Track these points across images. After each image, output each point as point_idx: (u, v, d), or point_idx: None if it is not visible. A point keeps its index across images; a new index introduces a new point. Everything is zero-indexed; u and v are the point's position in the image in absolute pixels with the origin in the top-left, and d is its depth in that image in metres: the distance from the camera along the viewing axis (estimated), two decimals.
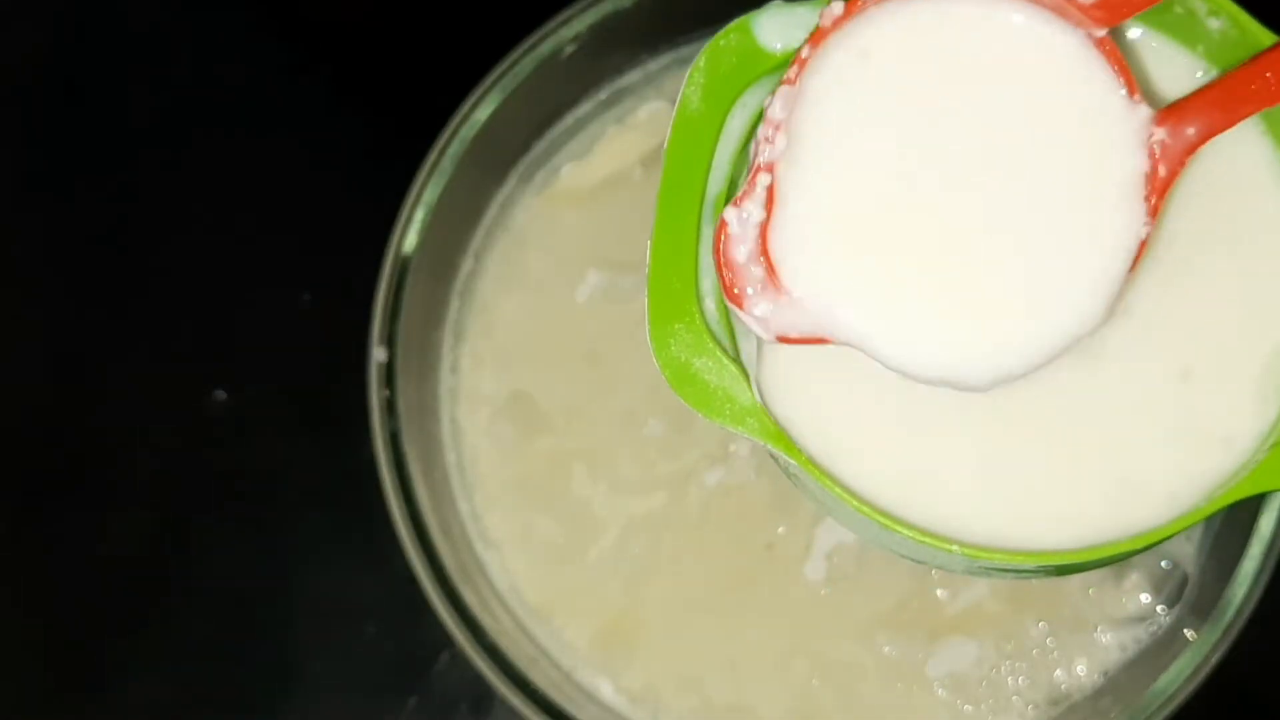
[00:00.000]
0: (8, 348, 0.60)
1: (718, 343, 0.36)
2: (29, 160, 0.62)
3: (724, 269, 0.35)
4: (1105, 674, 0.49)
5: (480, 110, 0.50)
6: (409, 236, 0.49)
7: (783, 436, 0.36)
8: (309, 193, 0.60)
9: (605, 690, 0.50)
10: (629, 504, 0.51)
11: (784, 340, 0.35)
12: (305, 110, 0.61)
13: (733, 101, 0.36)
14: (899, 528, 0.35)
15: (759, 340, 0.36)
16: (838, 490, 0.35)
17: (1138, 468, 0.36)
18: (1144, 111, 0.34)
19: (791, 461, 0.35)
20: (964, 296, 0.34)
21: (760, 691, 0.49)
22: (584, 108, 0.54)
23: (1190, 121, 0.34)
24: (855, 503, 0.35)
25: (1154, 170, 0.34)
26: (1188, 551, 0.49)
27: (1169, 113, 0.35)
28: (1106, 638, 0.49)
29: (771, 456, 0.38)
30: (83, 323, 0.59)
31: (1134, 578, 0.49)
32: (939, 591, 0.49)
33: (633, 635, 0.50)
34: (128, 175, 0.61)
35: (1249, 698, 0.54)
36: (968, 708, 0.49)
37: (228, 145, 0.61)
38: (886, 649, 0.49)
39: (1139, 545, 0.35)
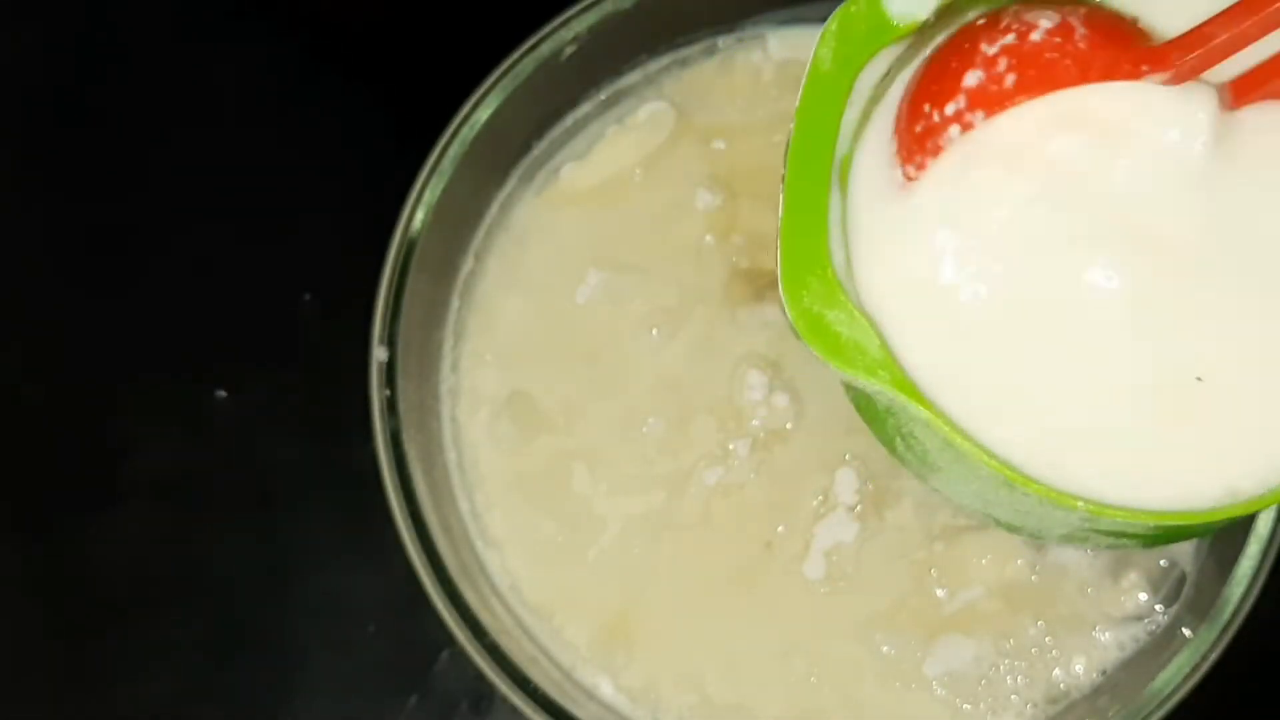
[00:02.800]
0: (8, 348, 0.60)
1: (849, 296, 0.36)
2: (29, 161, 0.62)
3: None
4: (1103, 672, 0.49)
5: (481, 111, 0.50)
6: (410, 237, 0.49)
7: (914, 389, 0.36)
8: (310, 193, 0.60)
9: (605, 688, 0.50)
10: (629, 503, 0.51)
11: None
12: (306, 111, 0.61)
13: (861, 66, 0.37)
14: (1028, 484, 0.35)
15: (892, 300, 0.37)
16: (966, 444, 0.35)
17: (1249, 438, 0.36)
18: None
19: (920, 411, 0.36)
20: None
21: (759, 690, 0.49)
22: (584, 108, 0.55)
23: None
24: (985, 458, 0.35)
25: None
26: (1186, 550, 0.50)
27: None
28: (1105, 636, 0.49)
29: (873, 413, 0.39)
30: (84, 323, 0.60)
31: (1132, 576, 0.49)
32: (938, 591, 0.49)
33: (632, 634, 0.50)
34: (128, 176, 0.61)
35: (1247, 696, 0.54)
36: (966, 706, 0.49)
37: (229, 146, 0.61)
38: (885, 648, 0.49)
39: (1238, 512, 0.36)
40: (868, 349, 0.36)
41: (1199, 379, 0.36)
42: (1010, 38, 0.36)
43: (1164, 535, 0.38)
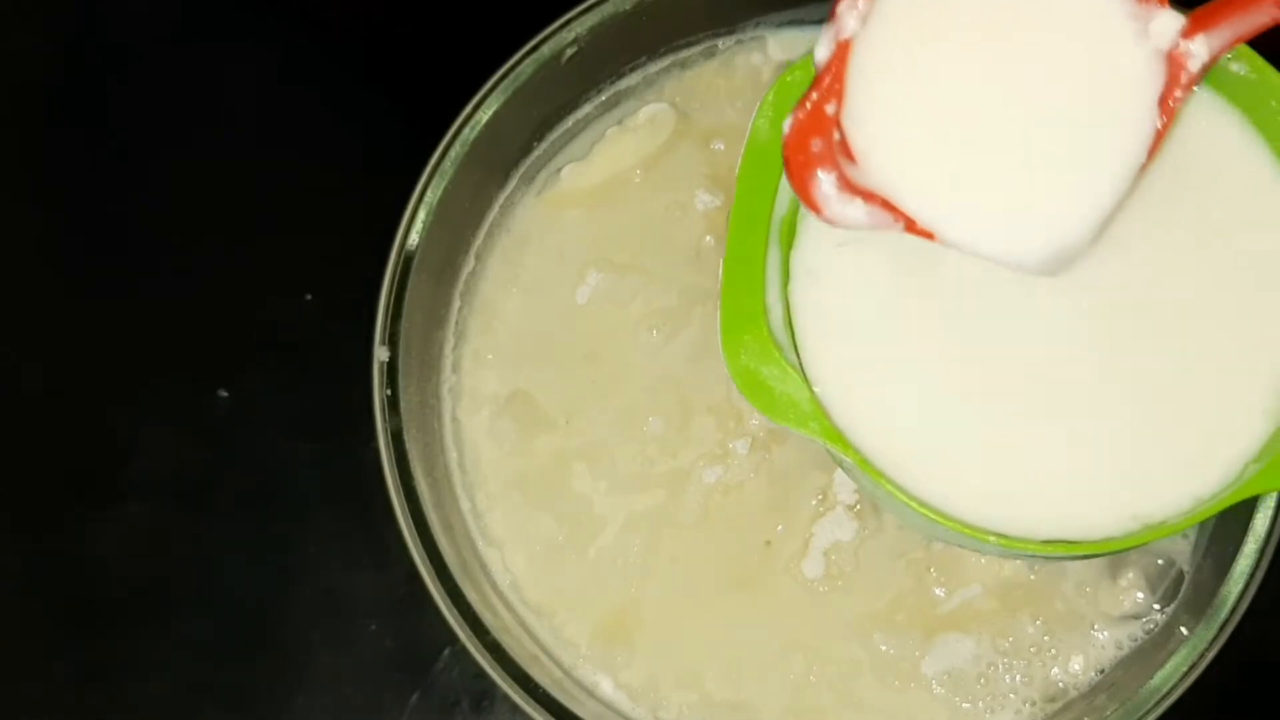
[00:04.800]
0: (10, 349, 0.60)
1: (782, 353, 0.39)
2: (32, 162, 0.62)
3: (796, 154, 0.36)
4: (1101, 671, 0.49)
5: (482, 112, 0.50)
6: (411, 237, 0.49)
7: (841, 438, 0.39)
8: (312, 194, 0.60)
9: (605, 686, 0.50)
10: (629, 502, 0.51)
11: (844, 224, 0.36)
12: (307, 112, 0.61)
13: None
14: (944, 521, 0.38)
15: (820, 344, 0.40)
16: (889, 487, 0.39)
17: (1153, 464, 0.39)
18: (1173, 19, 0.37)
19: (844, 457, 0.39)
20: (1020, 172, 0.37)
21: (759, 688, 0.49)
22: (584, 110, 0.55)
23: (1213, 29, 0.37)
24: (905, 498, 0.39)
25: (1178, 68, 0.37)
26: (1183, 549, 0.50)
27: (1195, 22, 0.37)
28: (1103, 635, 0.49)
29: (827, 450, 0.41)
30: (86, 324, 0.60)
31: (1130, 575, 0.49)
32: (936, 589, 0.50)
33: (633, 632, 0.50)
34: (129, 176, 0.61)
35: (1244, 694, 0.54)
36: (965, 705, 0.49)
37: (230, 147, 0.61)
38: (883, 646, 0.49)
39: (1146, 538, 0.38)
40: (799, 402, 0.39)
41: (1102, 415, 0.39)
42: None
43: (1079, 556, 0.41)
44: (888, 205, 0.36)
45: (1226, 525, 0.48)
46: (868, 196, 0.36)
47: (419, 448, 0.49)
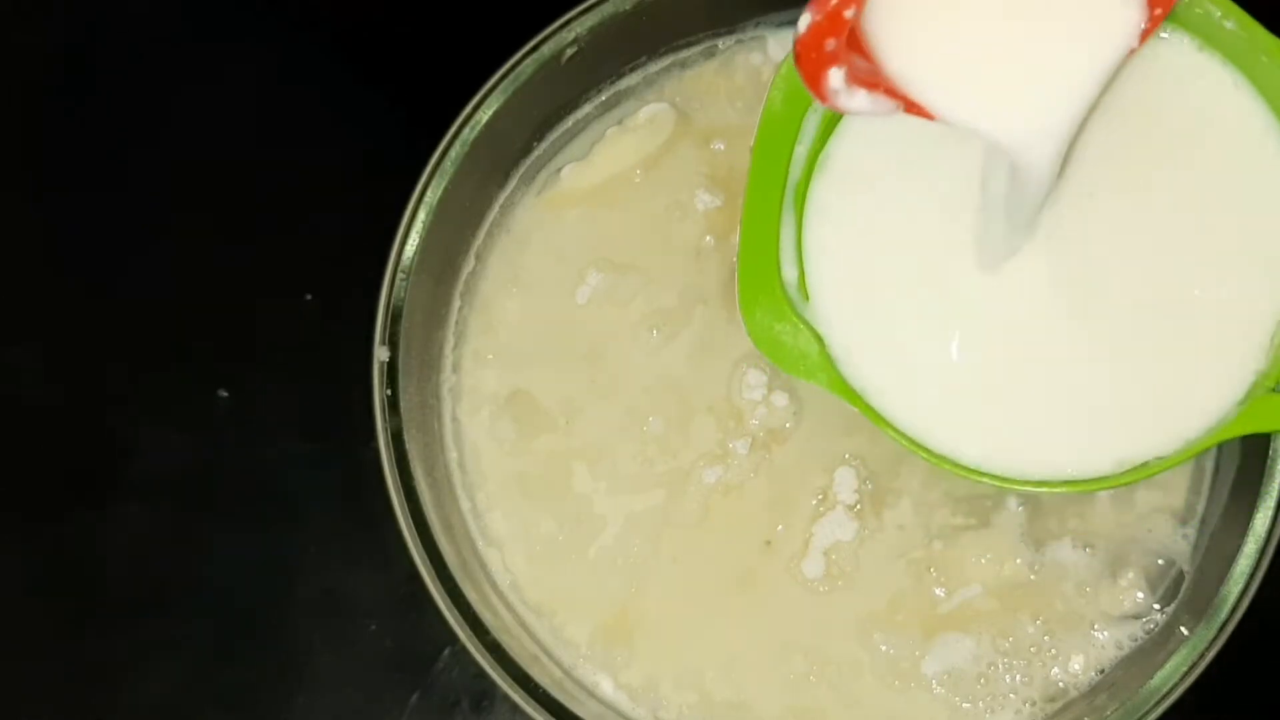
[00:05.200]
0: (10, 348, 0.60)
1: (795, 310, 0.43)
2: (32, 161, 0.62)
3: (809, 52, 0.37)
4: (1101, 671, 0.49)
5: (482, 112, 0.50)
6: (411, 237, 0.49)
7: (848, 388, 0.43)
8: (311, 193, 0.60)
9: (605, 686, 0.50)
10: (629, 502, 0.51)
11: (848, 111, 0.37)
12: (308, 112, 0.61)
13: (810, 104, 0.42)
14: (946, 465, 0.42)
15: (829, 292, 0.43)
16: (891, 433, 0.42)
17: (1146, 400, 0.41)
18: None
19: (850, 407, 0.43)
20: (1014, 58, 0.38)
21: (759, 688, 0.49)
22: (584, 110, 0.55)
23: None
24: (908, 444, 0.42)
25: None
26: (1183, 549, 0.50)
27: None
28: (1103, 635, 0.49)
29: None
30: (86, 324, 0.60)
31: (1130, 575, 0.49)
32: (936, 589, 0.50)
33: (633, 632, 0.50)
34: (129, 176, 0.61)
35: (1244, 694, 0.54)
36: (965, 705, 0.49)
37: (230, 147, 0.61)
38: (883, 646, 0.49)
39: (1136, 476, 0.42)
40: (809, 355, 0.43)
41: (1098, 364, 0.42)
42: None
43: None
44: (889, 91, 0.38)
45: (1226, 525, 0.48)
46: (871, 86, 0.37)
47: (419, 448, 0.49)
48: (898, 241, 0.43)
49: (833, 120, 0.43)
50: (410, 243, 0.49)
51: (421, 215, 0.49)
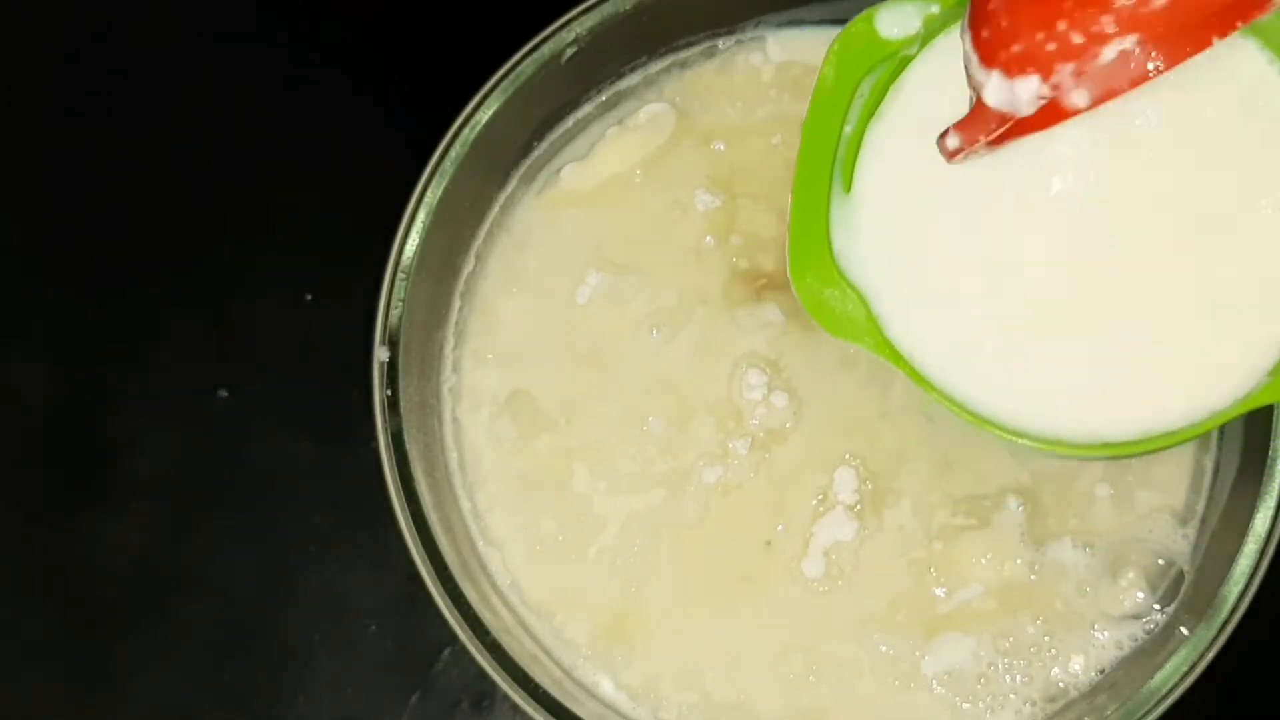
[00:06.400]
0: (12, 349, 0.60)
1: (843, 276, 0.44)
2: (30, 159, 0.62)
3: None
4: (1101, 671, 0.49)
5: (482, 112, 0.50)
6: (411, 238, 0.49)
7: (893, 350, 0.43)
8: (312, 194, 0.60)
9: (606, 686, 0.50)
10: (629, 502, 0.51)
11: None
12: (308, 111, 0.61)
13: (860, 80, 0.43)
14: (988, 427, 0.43)
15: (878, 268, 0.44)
16: (937, 395, 0.43)
17: (1180, 366, 0.42)
18: None
19: (897, 368, 0.43)
20: None
21: (759, 688, 0.49)
22: (584, 110, 0.55)
23: None
24: (949, 405, 0.43)
25: None
26: (1183, 549, 0.50)
27: None
28: (1103, 635, 0.49)
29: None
30: (87, 323, 0.60)
31: (1130, 575, 0.49)
32: (936, 590, 0.50)
33: (633, 632, 0.50)
34: (129, 175, 0.61)
35: (1244, 695, 0.54)
36: (965, 705, 0.49)
37: (230, 147, 0.61)
38: (883, 646, 0.49)
39: (1173, 441, 0.42)
40: (857, 319, 0.44)
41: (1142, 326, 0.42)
42: None
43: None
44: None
45: (1226, 525, 0.48)
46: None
47: (419, 448, 0.49)
48: (947, 203, 0.43)
49: (876, 101, 0.44)
50: (410, 243, 0.49)
51: (421, 215, 0.49)
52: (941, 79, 0.42)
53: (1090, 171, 0.41)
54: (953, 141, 0.40)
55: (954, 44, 0.41)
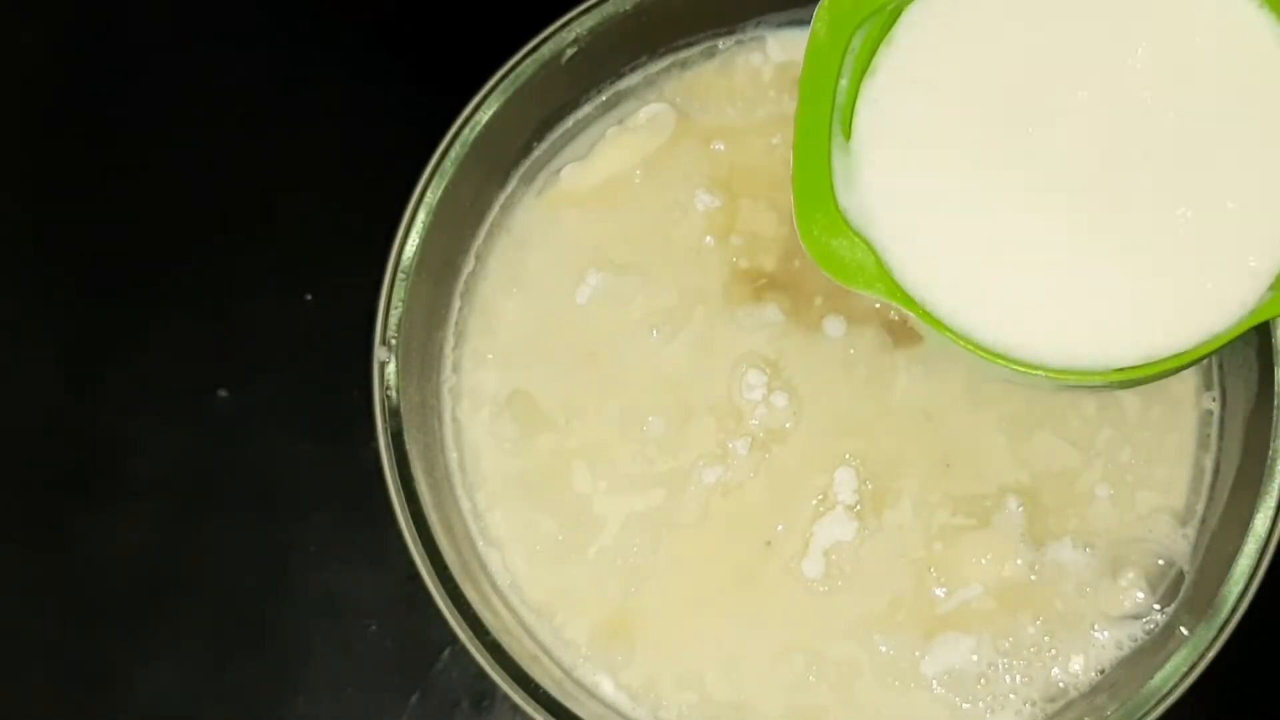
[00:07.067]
0: (13, 348, 0.60)
1: (850, 225, 0.44)
2: (30, 160, 0.62)
3: None
4: (1101, 671, 0.49)
5: (482, 113, 0.50)
6: (411, 238, 0.49)
7: (905, 294, 0.44)
8: (311, 194, 0.60)
9: (606, 687, 0.50)
10: (629, 501, 0.51)
11: None
12: (308, 112, 0.61)
13: (852, 33, 0.44)
14: (1001, 361, 0.43)
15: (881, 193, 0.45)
16: (950, 334, 0.43)
17: (1181, 288, 0.43)
18: None
19: (908, 312, 0.44)
20: None
21: (759, 688, 0.49)
22: (584, 110, 0.55)
23: None
24: (962, 343, 0.43)
25: None
26: (1183, 549, 0.50)
27: None
28: (1103, 635, 0.49)
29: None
30: (87, 323, 0.60)
31: (1130, 575, 0.49)
32: (936, 590, 0.50)
33: (633, 632, 0.50)
34: (129, 176, 0.61)
35: (1244, 695, 0.54)
36: (965, 705, 0.49)
37: (230, 147, 0.61)
38: (883, 647, 0.49)
39: (1174, 365, 0.43)
40: (866, 266, 0.44)
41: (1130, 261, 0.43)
42: None
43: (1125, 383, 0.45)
44: None
45: (1226, 525, 0.48)
46: None
47: (419, 448, 0.49)
48: (944, 145, 0.44)
49: (869, 54, 0.45)
50: (410, 243, 0.49)
51: (421, 215, 0.49)
52: (931, 27, 0.44)
53: (1084, 103, 0.43)
54: None
55: None
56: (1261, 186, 0.43)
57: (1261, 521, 0.46)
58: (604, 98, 0.55)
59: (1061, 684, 0.49)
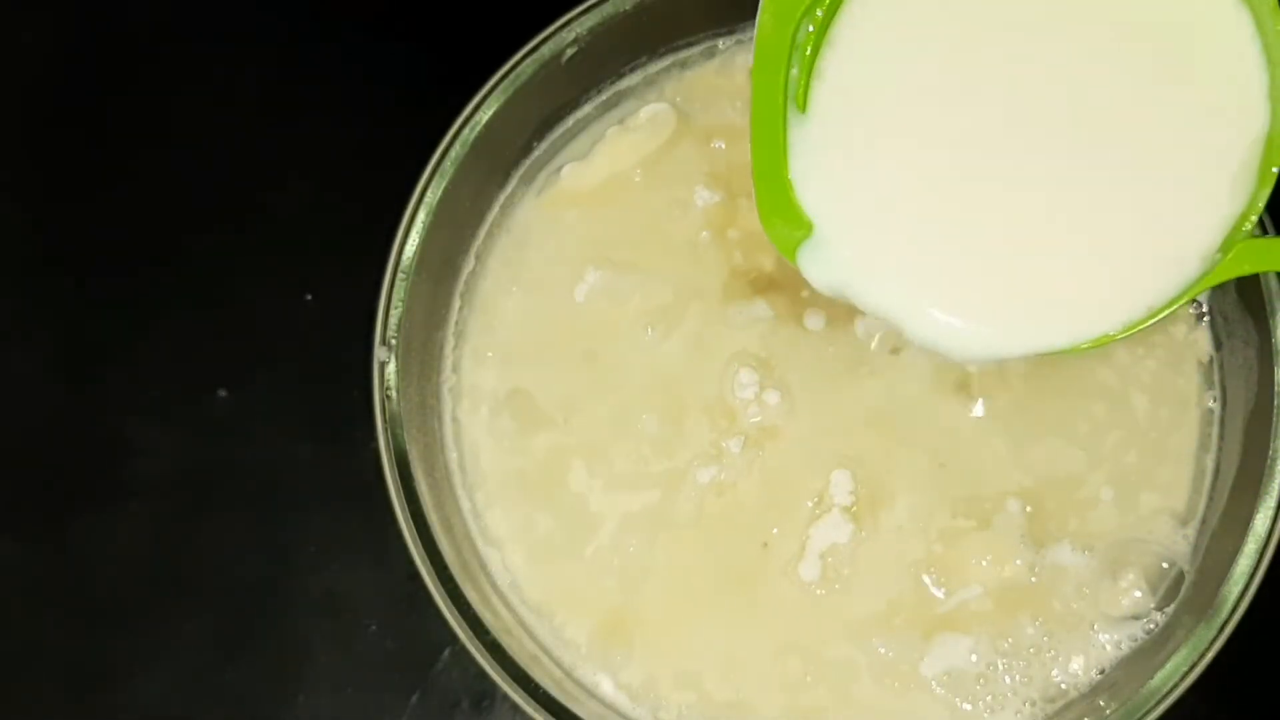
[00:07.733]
0: (14, 348, 0.60)
1: (807, 219, 0.45)
2: (30, 160, 0.62)
3: None
4: (1101, 671, 0.49)
5: (482, 112, 0.50)
6: (411, 237, 0.49)
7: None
8: (311, 193, 0.60)
9: (605, 686, 0.50)
10: (624, 500, 0.51)
11: None
12: (308, 112, 0.61)
13: (797, 21, 0.44)
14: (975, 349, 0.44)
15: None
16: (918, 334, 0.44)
17: (1123, 260, 0.44)
18: None
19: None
20: None
21: (758, 688, 0.49)
22: (585, 110, 0.55)
23: None
24: (950, 343, 0.44)
25: None
26: (1183, 549, 0.50)
27: None
28: (1103, 635, 0.49)
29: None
30: (87, 323, 0.60)
31: (1130, 576, 0.49)
32: (935, 591, 0.50)
33: (632, 632, 0.50)
34: (129, 176, 0.61)
35: (1244, 694, 0.54)
36: (965, 706, 0.49)
37: (230, 147, 0.61)
38: (882, 649, 0.49)
39: (1118, 335, 0.44)
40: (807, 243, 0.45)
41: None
42: None
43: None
44: None
45: (1226, 525, 0.48)
46: None
47: (419, 448, 0.49)
48: (895, 128, 0.45)
49: (819, 38, 0.45)
50: (410, 243, 0.49)
51: (421, 215, 0.49)
52: (875, 12, 0.44)
53: (1031, 71, 0.43)
54: None
55: None
56: (1198, 163, 0.43)
57: (1261, 521, 0.46)
58: (604, 97, 0.55)
59: (1061, 684, 0.49)
